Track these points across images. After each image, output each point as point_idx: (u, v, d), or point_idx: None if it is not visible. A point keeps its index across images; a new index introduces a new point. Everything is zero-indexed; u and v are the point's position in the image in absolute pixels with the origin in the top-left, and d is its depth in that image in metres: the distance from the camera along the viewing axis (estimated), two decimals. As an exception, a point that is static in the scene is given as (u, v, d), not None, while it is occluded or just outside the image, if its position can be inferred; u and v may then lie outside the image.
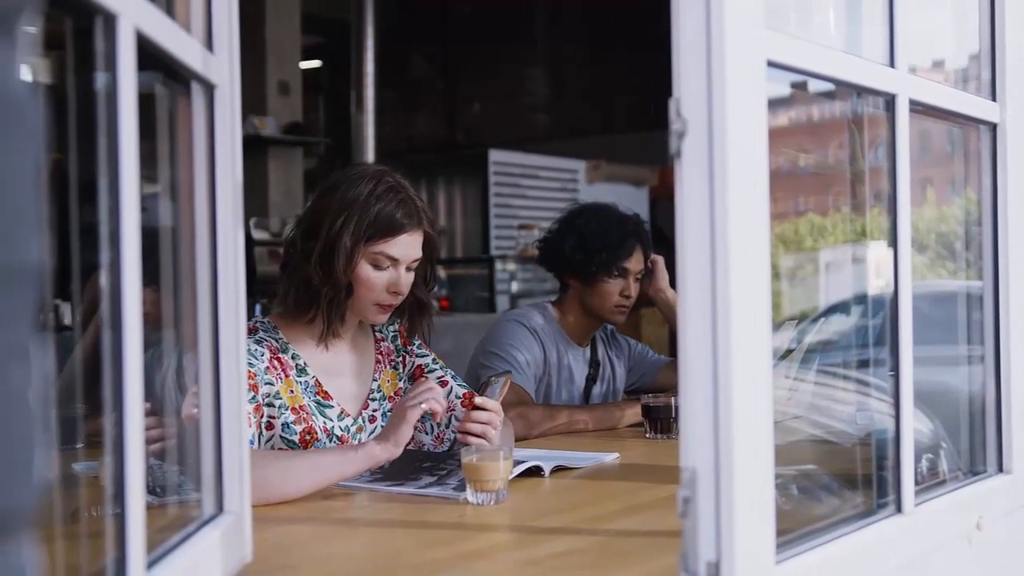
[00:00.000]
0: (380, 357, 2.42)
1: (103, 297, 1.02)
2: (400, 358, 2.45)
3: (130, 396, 1.02)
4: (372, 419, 2.36)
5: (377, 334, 2.44)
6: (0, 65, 0.59)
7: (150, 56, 1.11)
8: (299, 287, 2.24)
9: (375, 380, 2.39)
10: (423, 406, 2.03)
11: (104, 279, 1.02)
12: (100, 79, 1.02)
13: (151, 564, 1.10)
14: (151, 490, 1.24)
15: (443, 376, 2.43)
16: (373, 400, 2.38)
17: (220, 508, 1.39)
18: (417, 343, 2.47)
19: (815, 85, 1.58)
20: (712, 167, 1.18)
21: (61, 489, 1.24)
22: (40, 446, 0.59)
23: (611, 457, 2.39)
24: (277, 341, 2.26)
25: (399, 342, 2.46)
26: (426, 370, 2.44)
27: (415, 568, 1.54)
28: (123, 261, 1.01)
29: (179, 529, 1.28)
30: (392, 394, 2.41)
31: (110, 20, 1.00)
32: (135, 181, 1.03)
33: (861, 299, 2.05)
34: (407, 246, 2.24)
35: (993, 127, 1.83)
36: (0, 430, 0.56)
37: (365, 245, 2.20)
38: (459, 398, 2.40)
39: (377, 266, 2.23)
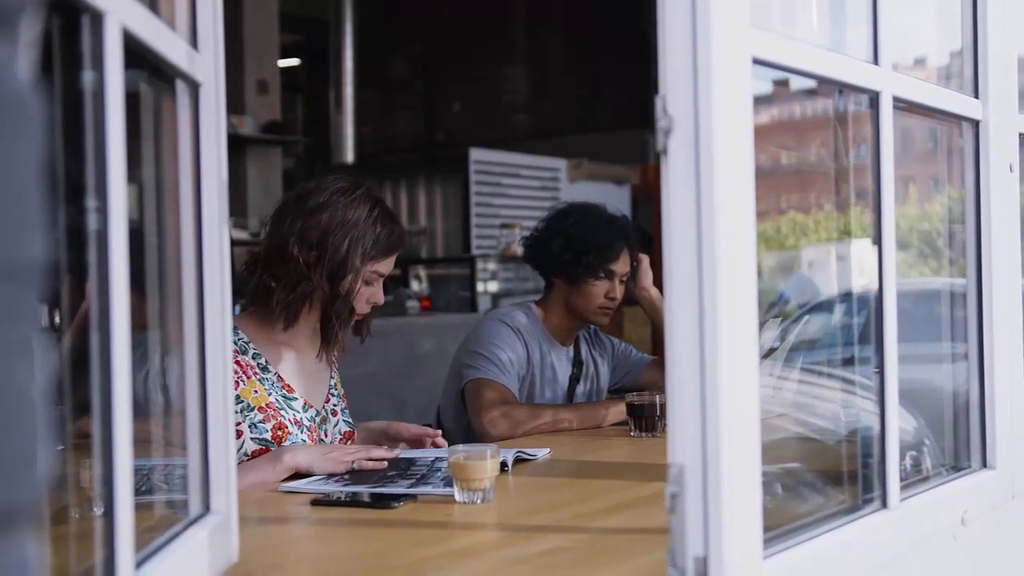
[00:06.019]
0: (333, 358, 2.50)
1: (90, 298, 1.01)
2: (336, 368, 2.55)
3: (118, 396, 1.01)
4: (334, 412, 2.45)
5: None
6: (3, 63, 0.59)
7: (134, 54, 1.11)
8: (300, 299, 2.28)
9: (332, 378, 2.48)
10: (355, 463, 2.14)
11: (91, 280, 1.01)
12: (86, 77, 1.01)
13: (139, 564, 1.09)
14: (136, 490, 1.23)
15: (336, 406, 2.53)
16: (333, 395, 2.46)
17: (207, 508, 1.38)
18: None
19: (796, 83, 1.58)
20: (699, 164, 1.18)
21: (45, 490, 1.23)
22: (43, 442, 0.59)
23: (543, 453, 2.38)
24: (236, 343, 2.26)
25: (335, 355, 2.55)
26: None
27: (403, 567, 1.53)
28: (111, 261, 1.00)
29: (165, 529, 1.28)
30: (341, 395, 2.50)
31: (97, 18, 0.99)
32: (122, 180, 1.02)
33: (844, 297, 2.06)
34: (393, 262, 2.37)
35: (976, 124, 1.84)
36: (4, 425, 0.56)
37: (369, 265, 2.29)
38: (341, 434, 2.45)
39: (368, 283, 2.32)
